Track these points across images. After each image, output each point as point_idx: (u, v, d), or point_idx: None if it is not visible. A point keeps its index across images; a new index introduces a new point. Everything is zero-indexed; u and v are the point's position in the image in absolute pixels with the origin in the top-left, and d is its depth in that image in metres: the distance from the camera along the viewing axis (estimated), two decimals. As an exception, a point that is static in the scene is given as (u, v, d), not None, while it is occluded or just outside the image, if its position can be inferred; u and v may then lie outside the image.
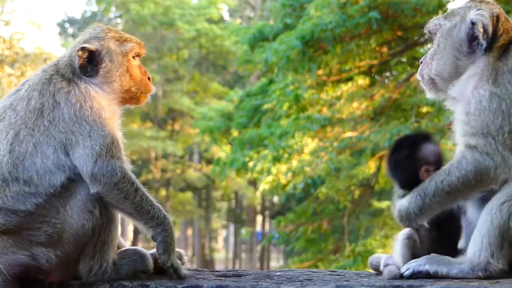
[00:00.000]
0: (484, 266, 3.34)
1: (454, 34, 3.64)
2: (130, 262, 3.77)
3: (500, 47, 3.55)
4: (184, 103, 38.00)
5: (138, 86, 3.94)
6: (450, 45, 3.65)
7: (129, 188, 3.61)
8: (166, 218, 3.70)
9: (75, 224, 3.62)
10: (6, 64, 21.34)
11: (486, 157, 3.36)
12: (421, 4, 12.27)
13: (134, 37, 4.05)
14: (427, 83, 3.77)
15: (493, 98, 3.41)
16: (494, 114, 3.40)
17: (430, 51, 3.78)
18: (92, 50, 3.81)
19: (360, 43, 13.31)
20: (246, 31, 17.22)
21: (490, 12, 3.60)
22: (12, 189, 3.57)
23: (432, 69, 3.71)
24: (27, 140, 3.61)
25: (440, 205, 3.46)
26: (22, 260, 3.58)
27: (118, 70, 3.86)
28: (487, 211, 3.34)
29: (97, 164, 3.55)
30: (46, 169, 3.57)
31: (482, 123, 3.40)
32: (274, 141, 14.71)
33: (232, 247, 51.96)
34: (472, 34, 3.57)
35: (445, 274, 3.38)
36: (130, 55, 3.94)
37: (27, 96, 3.72)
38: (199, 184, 41.58)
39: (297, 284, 3.51)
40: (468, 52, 3.60)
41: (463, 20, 3.62)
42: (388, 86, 14.90)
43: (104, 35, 3.91)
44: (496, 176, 3.37)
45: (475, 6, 3.64)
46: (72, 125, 3.61)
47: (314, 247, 15.70)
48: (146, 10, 37.71)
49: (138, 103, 4.02)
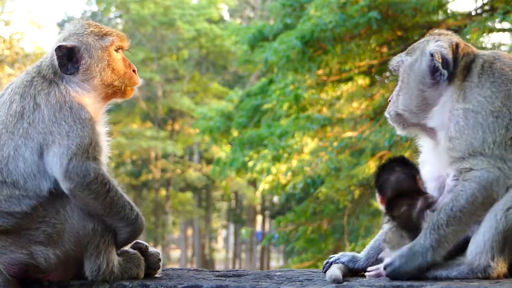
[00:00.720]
0: (484, 269, 3.36)
1: (415, 68, 3.70)
2: (134, 266, 3.80)
3: (463, 70, 3.63)
4: (184, 103, 37.99)
5: (122, 80, 3.89)
6: (414, 79, 3.70)
7: (101, 190, 3.59)
8: (137, 220, 3.72)
9: (76, 224, 3.63)
10: (6, 64, 21.32)
11: (485, 172, 3.39)
12: (421, 4, 12.26)
13: (115, 30, 3.99)
14: (395, 120, 3.82)
15: (468, 115, 3.47)
16: (473, 130, 3.45)
17: (396, 88, 3.83)
18: (70, 47, 3.78)
19: (360, 43, 13.29)
20: (246, 31, 17.22)
21: (449, 41, 3.70)
22: (3, 193, 3.57)
23: (398, 105, 3.76)
24: (7, 144, 3.60)
25: (455, 234, 3.41)
26: (21, 259, 3.58)
27: (98, 65, 3.81)
28: (492, 217, 3.35)
29: (72, 163, 3.53)
30: (30, 172, 3.57)
31: (466, 143, 3.45)
32: (274, 141, 14.71)
33: (232, 247, 51.96)
34: (433, 65, 3.63)
35: (444, 277, 3.39)
36: (111, 49, 3.88)
37: (9, 99, 3.71)
38: (199, 184, 41.59)
39: (297, 284, 3.52)
40: (432, 84, 3.65)
41: (423, 53, 3.70)
42: (388, 86, 14.88)
43: (83, 31, 3.86)
44: (501, 187, 3.39)
45: (434, 38, 3.74)
46: (51, 126, 3.60)
47: (314, 247, 15.68)
48: (146, 10, 37.70)
49: (124, 97, 3.97)
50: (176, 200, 40.26)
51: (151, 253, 3.99)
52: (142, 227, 3.77)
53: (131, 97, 4.02)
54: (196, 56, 40.73)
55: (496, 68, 3.58)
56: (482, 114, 3.45)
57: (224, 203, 50.92)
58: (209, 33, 37.65)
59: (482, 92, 3.51)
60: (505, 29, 13.18)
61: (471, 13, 13.24)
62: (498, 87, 3.51)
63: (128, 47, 3.99)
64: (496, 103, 3.47)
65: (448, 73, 3.61)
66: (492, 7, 12.67)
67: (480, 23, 11.74)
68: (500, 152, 3.41)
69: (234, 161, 16.13)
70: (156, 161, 40.16)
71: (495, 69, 3.57)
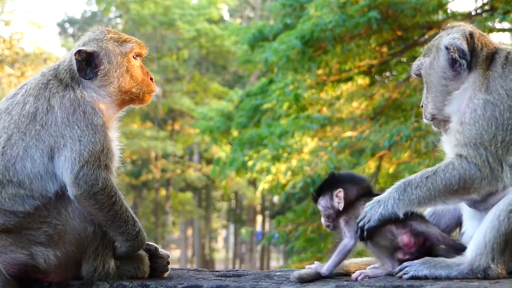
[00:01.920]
0: (484, 269, 3.36)
1: (435, 65, 3.71)
2: (132, 269, 3.80)
3: (485, 60, 3.62)
4: (184, 103, 37.99)
5: (140, 86, 3.93)
6: (436, 77, 3.71)
7: (106, 201, 3.60)
8: (138, 237, 3.72)
9: (77, 226, 3.64)
10: (6, 64, 21.34)
11: (473, 167, 3.41)
12: (421, 4, 12.26)
13: (134, 37, 4.03)
14: (434, 124, 3.82)
15: (487, 106, 3.47)
16: (488, 122, 3.44)
17: (423, 92, 3.84)
18: (90, 52, 3.81)
19: (360, 43, 13.30)
20: (246, 31, 17.22)
21: (462, 32, 3.69)
22: (8, 191, 3.58)
23: (429, 107, 3.77)
24: (18, 144, 3.62)
25: (418, 200, 3.49)
26: (21, 259, 3.58)
27: (117, 71, 3.85)
28: (494, 217, 3.35)
29: (83, 170, 3.55)
30: (37, 173, 3.58)
31: (477, 132, 3.45)
32: (274, 141, 14.71)
33: (232, 247, 51.95)
34: (451, 58, 3.63)
35: (444, 277, 3.40)
36: (130, 55, 3.92)
37: (23, 100, 3.73)
38: (199, 184, 41.58)
39: (297, 284, 3.52)
40: (454, 76, 3.66)
41: (438, 49, 3.70)
42: (388, 86, 14.89)
43: (103, 36, 3.90)
44: (480, 187, 3.43)
45: (446, 33, 3.75)
46: (64, 129, 3.62)
47: (313, 247, 15.67)
48: (146, 10, 37.71)
49: (142, 103, 4.02)
50: (176, 200, 40.26)
51: (161, 255, 3.98)
52: (142, 244, 3.78)
53: (148, 103, 4.06)
54: (196, 56, 40.73)
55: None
56: (501, 108, 3.45)
57: (224, 203, 50.90)
58: (209, 33, 37.65)
59: (504, 84, 3.50)
60: (505, 29, 13.19)
61: (471, 13, 13.25)
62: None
63: (146, 54, 4.03)
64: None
65: (467, 62, 3.60)
66: (492, 7, 12.68)
67: (480, 23, 11.74)
68: (502, 152, 3.41)
69: (234, 161, 16.13)
70: (156, 161, 40.16)
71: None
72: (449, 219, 3.86)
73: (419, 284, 3.24)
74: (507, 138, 3.42)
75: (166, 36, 40.25)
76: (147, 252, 3.92)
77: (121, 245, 3.72)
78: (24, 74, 20.65)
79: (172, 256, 4.07)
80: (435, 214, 3.87)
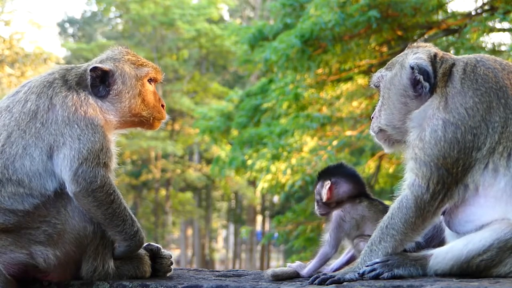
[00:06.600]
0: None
1: (396, 82, 3.65)
2: (132, 269, 3.80)
3: (443, 76, 3.55)
4: (184, 103, 38.00)
5: (151, 112, 3.96)
6: (395, 93, 3.65)
7: (105, 199, 3.61)
8: (136, 236, 3.72)
9: (77, 225, 3.63)
10: (6, 64, 21.35)
11: (425, 190, 3.39)
12: (420, 3, 12.26)
13: (151, 62, 4.05)
14: (380, 137, 3.77)
15: (448, 127, 3.40)
16: (450, 145, 3.39)
17: (378, 104, 3.78)
18: (106, 70, 3.83)
19: (360, 42, 13.29)
20: (246, 31, 17.20)
21: (428, 54, 3.63)
22: (7, 190, 3.57)
23: (381, 120, 3.71)
24: (17, 142, 3.62)
25: (386, 252, 3.43)
26: (20, 259, 3.58)
27: (129, 92, 3.87)
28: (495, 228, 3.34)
29: (82, 167, 3.56)
30: (36, 171, 3.58)
31: (439, 153, 3.39)
32: (274, 140, 14.72)
33: (232, 247, 51.96)
34: (413, 78, 3.58)
35: (421, 274, 3.39)
36: (145, 80, 3.94)
37: (25, 98, 3.74)
38: (199, 184, 41.58)
39: (297, 284, 3.52)
40: (415, 96, 3.59)
41: (403, 66, 3.64)
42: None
43: (121, 57, 3.93)
44: (434, 208, 3.41)
45: (412, 51, 3.69)
46: (64, 127, 3.62)
47: (313, 246, 15.67)
48: (146, 10, 37.70)
49: (150, 128, 4.06)
50: (176, 200, 40.26)
51: (163, 255, 3.98)
52: (141, 244, 3.78)
53: (157, 129, 4.10)
54: (196, 56, 40.73)
55: (480, 73, 3.47)
56: (462, 130, 3.38)
57: (224, 203, 50.91)
58: (209, 33, 37.65)
59: (464, 102, 3.41)
60: (505, 29, 13.18)
61: (471, 13, 13.24)
62: (481, 97, 3.40)
63: (161, 80, 4.06)
64: (477, 117, 3.38)
65: (430, 85, 3.53)
66: (492, 7, 12.67)
67: (480, 23, 11.74)
68: (461, 176, 3.38)
69: (234, 160, 16.13)
70: (156, 161, 40.17)
71: (478, 75, 3.46)
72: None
73: (419, 284, 3.24)
74: (467, 161, 3.37)
75: (166, 36, 40.25)
76: (149, 252, 3.92)
77: (119, 245, 3.72)
78: (24, 74, 20.66)
79: (172, 256, 4.06)
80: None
